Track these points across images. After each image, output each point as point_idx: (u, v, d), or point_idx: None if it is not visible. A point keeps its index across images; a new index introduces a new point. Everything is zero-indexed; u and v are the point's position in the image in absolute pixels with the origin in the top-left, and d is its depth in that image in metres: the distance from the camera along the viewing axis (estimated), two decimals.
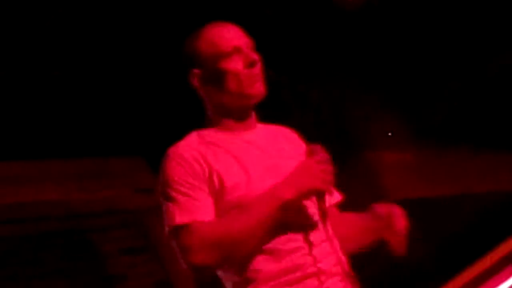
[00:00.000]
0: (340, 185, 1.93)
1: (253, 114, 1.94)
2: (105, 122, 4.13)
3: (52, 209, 4.26)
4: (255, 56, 1.86)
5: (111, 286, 4.63)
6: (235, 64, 1.85)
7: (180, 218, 1.74)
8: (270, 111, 2.00)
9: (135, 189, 4.43)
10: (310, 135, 2.03)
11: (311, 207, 1.85)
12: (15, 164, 4.17)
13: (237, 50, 1.86)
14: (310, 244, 1.80)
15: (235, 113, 1.90)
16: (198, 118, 1.99)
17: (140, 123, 4.12)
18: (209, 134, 1.89)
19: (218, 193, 1.77)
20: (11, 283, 4.21)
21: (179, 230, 1.74)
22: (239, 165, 1.82)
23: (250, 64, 1.85)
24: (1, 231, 4.20)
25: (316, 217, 1.85)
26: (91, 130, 4.15)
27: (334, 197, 1.95)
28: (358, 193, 2.07)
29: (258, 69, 1.87)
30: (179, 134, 1.95)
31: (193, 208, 1.75)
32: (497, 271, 3.84)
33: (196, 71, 1.89)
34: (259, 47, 1.93)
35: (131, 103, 4.19)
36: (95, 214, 4.56)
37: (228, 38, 1.86)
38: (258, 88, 1.86)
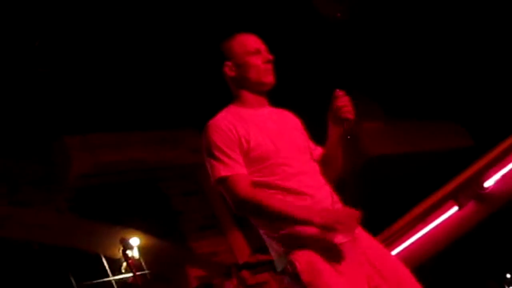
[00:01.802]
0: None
1: (266, 97, 2.28)
2: (170, 103, 4.97)
3: (135, 165, 5.22)
4: (270, 57, 2.24)
5: (173, 218, 5.58)
6: (256, 60, 2.20)
7: (224, 171, 2.05)
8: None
9: (191, 150, 5.25)
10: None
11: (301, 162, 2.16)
12: (108, 134, 5.13)
13: (258, 51, 2.23)
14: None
15: (254, 95, 2.22)
16: (228, 100, 2.34)
17: (193, 103, 4.90)
18: (235, 109, 2.21)
19: (246, 151, 2.08)
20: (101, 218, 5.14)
21: (224, 180, 2.05)
22: (259, 130, 2.13)
23: (267, 62, 2.22)
24: (102, 180, 5.19)
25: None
26: (162, 108, 5.01)
27: (318, 151, 2.31)
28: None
29: (271, 65, 2.23)
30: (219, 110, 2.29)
31: (232, 164, 2.05)
32: (439, 206, 4.88)
33: (229, 63, 2.23)
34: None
35: (184, 91, 4.96)
36: (162, 168, 5.50)
37: (253, 42, 2.25)
38: (270, 79, 2.22)
